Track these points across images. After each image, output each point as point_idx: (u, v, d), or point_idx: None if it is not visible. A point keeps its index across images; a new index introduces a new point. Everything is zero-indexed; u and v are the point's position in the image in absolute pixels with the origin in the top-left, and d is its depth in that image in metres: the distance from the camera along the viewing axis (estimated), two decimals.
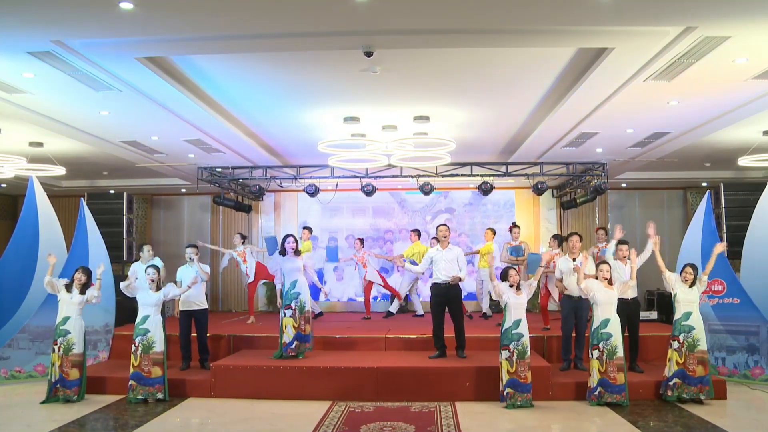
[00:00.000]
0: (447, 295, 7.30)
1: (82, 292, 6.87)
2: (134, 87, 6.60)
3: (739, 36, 5.19)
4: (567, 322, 7.41)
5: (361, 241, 11.01)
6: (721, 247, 7.03)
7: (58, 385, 6.72)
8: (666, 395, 6.52)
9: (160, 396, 6.69)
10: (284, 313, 7.38)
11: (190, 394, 6.98)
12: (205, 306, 7.77)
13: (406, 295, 11.20)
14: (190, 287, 7.27)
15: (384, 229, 13.06)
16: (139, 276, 7.40)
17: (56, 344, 6.79)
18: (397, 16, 4.91)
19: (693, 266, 6.75)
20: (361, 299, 11.40)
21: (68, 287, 6.92)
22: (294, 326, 7.30)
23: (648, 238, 7.13)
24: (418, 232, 11.03)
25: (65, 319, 6.82)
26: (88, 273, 6.98)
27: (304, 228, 10.91)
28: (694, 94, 6.91)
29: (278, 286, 8.07)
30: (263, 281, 10.90)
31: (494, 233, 10.51)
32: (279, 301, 7.64)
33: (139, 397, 6.66)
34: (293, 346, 7.28)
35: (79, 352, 6.82)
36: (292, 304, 7.34)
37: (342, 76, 6.53)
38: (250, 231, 13.43)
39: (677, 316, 6.65)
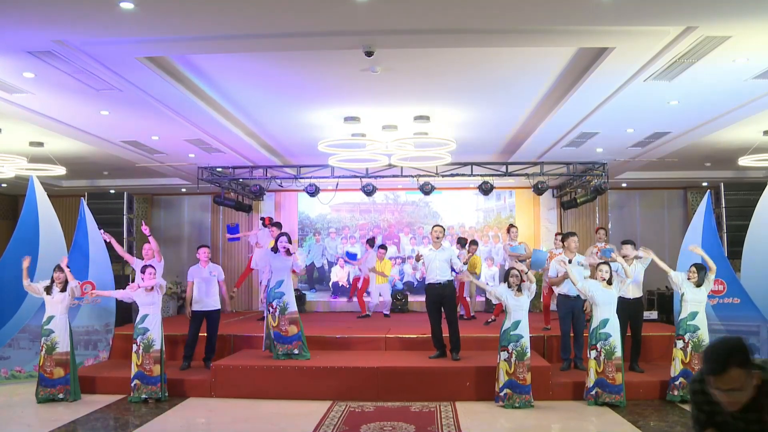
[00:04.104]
0: (442, 295, 7.29)
1: (63, 289, 6.90)
2: (135, 87, 6.59)
3: (739, 36, 5.18)
4: (564, 321, 7.41)
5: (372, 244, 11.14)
6: (698, 249, 7.06)
7: (41, 385, 6.74)
8: (671, 394, 6.50)
9: (160, 395, 6.70)
10: (267, 311, 7.39)
11: (190, 394, 6.98)
12: (219, 306, 7.74)
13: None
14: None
15: (383, 226, 13.03)
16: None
17: (41, 344, 6.85)
18: (397, 16, 4.91)
19: (698, 266, 6.75)
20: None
21: (48, 288, 6.93)
22: (273, 325, 7.27)
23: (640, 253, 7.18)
24: (371, 242, 11.08)
25: (49, 319, 6.87)
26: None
27: (273, 225, 10.11)
28: (694, 94, 6.90)
29: (263, 283, 8.04)
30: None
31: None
32: (262, 297, 7.59)
33: (143, 396, 6.66)
34: (273, 346, 7.25)
35: (65, 351, 6.82)
36: (275, 303, 7.30)
37: (342, 76, 6.53)
38: (250, 230, 13.41)
39: (683, 315, 6.64)
